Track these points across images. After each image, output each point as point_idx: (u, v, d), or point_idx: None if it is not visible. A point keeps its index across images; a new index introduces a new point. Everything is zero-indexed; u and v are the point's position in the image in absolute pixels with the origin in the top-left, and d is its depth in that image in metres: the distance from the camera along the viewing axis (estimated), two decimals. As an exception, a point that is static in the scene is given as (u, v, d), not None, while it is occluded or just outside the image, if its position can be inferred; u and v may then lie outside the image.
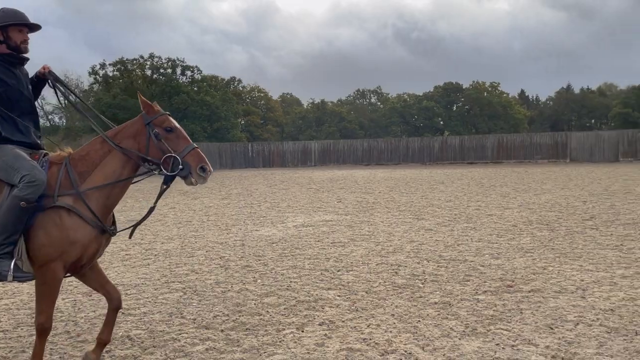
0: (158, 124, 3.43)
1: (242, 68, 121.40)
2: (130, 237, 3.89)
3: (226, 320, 4.63)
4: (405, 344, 3.95)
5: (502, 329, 4.23)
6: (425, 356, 3.73)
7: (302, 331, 4.30)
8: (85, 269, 3.49)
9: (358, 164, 38.84)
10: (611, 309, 4.62)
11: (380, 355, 3.76)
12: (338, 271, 6.30)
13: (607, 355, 3.65)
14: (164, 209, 12.98)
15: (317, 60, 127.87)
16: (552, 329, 4.20)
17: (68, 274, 3.42)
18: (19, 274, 3.18)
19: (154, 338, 4.19)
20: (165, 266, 6.81)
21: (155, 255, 7.57)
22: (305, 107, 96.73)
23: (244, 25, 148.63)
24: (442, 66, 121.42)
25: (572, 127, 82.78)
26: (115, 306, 3.58)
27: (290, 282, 5.87)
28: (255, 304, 5.08)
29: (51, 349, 3.98)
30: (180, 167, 3.35)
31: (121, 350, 3.97)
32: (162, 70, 45.13)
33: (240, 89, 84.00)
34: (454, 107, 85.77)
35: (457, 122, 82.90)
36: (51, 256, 3.17)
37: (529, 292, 5.22)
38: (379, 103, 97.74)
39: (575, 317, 4.45)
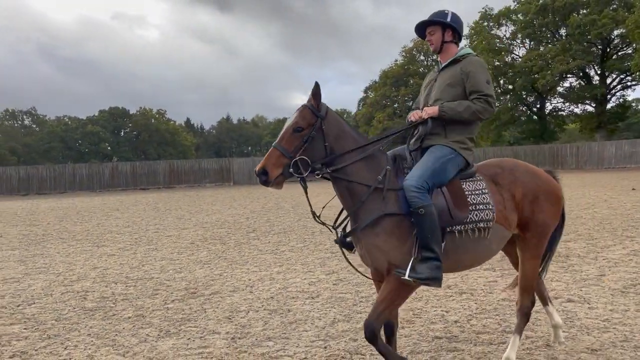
0: None
1: None
2: None
3: None
4: (106, 356, 4.27)
5: (191, 326, 4.98)
6: (128, 361, 4.15)
7: (-10, 368, 4.10)
8: None
9: (13, 194, 34.11)
10: (271, 297, 5.94)
11: (84, 370, 3.99)
12: (18, 306, 5.94)
13: (269, 329, 4.81)
14: None
15: None
16: (230, 319, 5.18)
17: None
18: None
19: None
20: None
21: None
22: None
23: None
24: (102, 89, 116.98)
25: (233, 153, 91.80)
26: None
27: (-41, 326, 5.27)
28: None
29: None
30: None
31: None
32: None
33: None
34: (122, 133, 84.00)
35: (125, 147, 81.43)
36: None
37: (210, 294, 6.15)
38: (34, 126, 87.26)
39: (246, 307, 5.57)
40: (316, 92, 3.29)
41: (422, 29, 3.72)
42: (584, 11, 44.07)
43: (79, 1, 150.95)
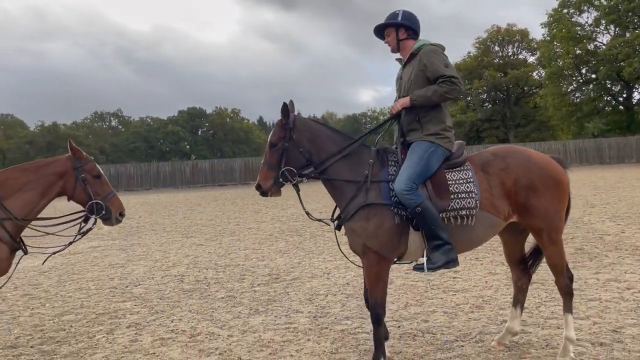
0: (88, 170, 3.78)
1: None
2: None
3: (31, 338, 4.83)
4: (207, 328, 4.91)
5: (276, 306, 5.55)
6: (225, 332, 4.77)
7: (113, 334, 4.86)
8: None
9: (105, 190, 36.87)
10: (347, 283, 6.40)
11: (189, 338, 4.65)
12: (126, 287, 6.80)
13: (347, 310, 5.27)
14: None
15: (28, 78, 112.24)
16: (311, 300, 5.70)
17: None
18: None
19: (-42, 365, 4.22)
20: None
21: None
22: (32, 130, 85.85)
23: None
24: (178, 90, 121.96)
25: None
26: None
27: (82, 301, 6.16)
28: (54, 322, 5.33)
29: None
30: (104, 211, 3.80)
31: None
32: None
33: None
34: (199, 132, 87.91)
35: (203, 146, 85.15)
36: None
37: (291, 280, 6.72)
38: (120, 127, 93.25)
39: (324, 291, 6.07)
40: (283, 110, 3.76)
41: (380, 33, 4.01)
42: (676, -8, 40.95)
43: (151, 7, 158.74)
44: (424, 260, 3.58)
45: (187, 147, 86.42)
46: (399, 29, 3.92)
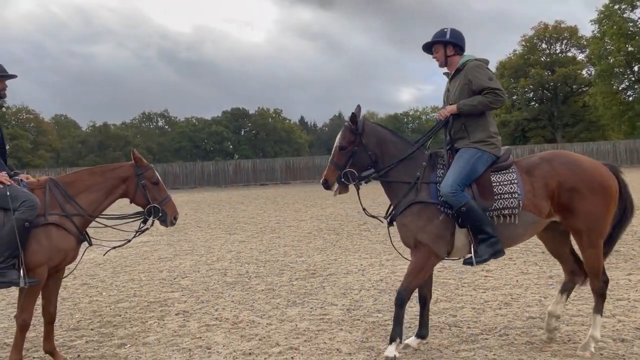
0: (148, 177, 4.25)
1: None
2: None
3: (91, 322, 5.36)
4: (248, 317, 5.31)
5: (313, 299, 5.89)
6: (264, 321, 5.14)
7: (164, 320, 5.32)
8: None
9: (153, 189, 38.26)
10: (381, 279, 6.68)
11: (232, 325, 5.05)
12: (174, 278, 7.31)
13: (379, 304, 5.56)
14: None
15: (78, 79, 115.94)
16: (345, 295, 6.01)
17: None
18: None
19: (30, 341, 4.76)
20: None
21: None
22: (85, 130, 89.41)
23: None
24: (221, 90, 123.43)
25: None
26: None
27: (135, 291, 6.69)
28: (111, 309, 5.86)
29: None
30: (160, 214, 4.26)
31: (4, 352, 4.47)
32: None
33: (4, 109, 74.04)
34: (242, 132, 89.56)
35: (245, 146, 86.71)
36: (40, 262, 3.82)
37: (327, 275, 7.05)
38: (166, 127, 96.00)
39: (359, 286, 6.37)
40: (352, 117, 4.16)
41: (429, 49, 4.32)
42: None
43: (191, 8, 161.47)
44: (472, 254, 3.93)
45: (231, 147, 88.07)
46: (447, 46, 4.24)
